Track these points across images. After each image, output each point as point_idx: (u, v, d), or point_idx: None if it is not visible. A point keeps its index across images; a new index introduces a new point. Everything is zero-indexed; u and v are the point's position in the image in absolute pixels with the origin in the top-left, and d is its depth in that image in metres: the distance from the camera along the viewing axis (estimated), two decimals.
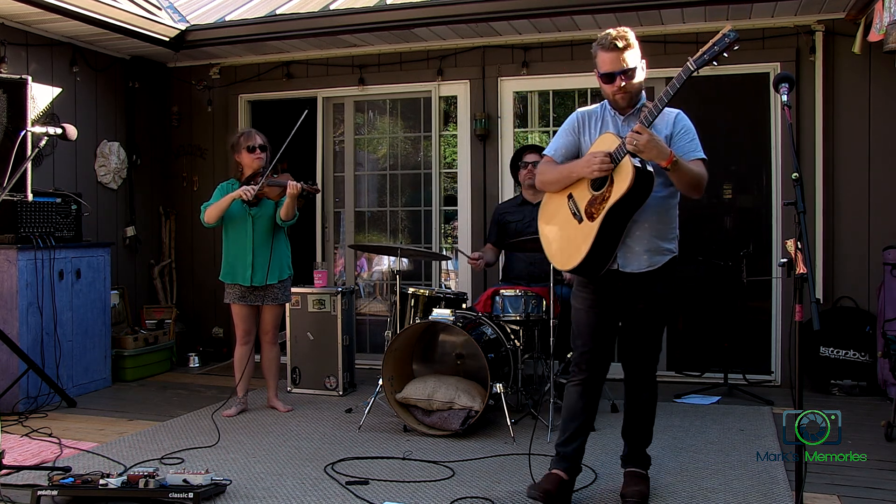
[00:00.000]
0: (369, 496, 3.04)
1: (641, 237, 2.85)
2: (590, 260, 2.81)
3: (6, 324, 4.48)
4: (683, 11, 4.87)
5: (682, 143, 2.84)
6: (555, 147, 3.03)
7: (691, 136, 2.87)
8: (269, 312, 4.43)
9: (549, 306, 4.12)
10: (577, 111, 3.05)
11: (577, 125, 3.00)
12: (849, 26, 4.81)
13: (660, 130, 2.82)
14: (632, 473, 3.07)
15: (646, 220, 2.83)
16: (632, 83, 2.82)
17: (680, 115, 2.91)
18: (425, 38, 5.58)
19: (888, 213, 4.84)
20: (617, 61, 2.78)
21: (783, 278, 4.91)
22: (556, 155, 3.01)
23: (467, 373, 4.20)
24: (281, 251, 4.39)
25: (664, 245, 2.90)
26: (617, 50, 2.77)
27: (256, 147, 4.33)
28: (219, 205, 4.24)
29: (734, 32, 2.53)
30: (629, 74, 2.80)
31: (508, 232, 4.81)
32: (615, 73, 2.79)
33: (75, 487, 2.91)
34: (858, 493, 3.06)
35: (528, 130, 5.94)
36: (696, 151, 2.85)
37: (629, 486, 3.02)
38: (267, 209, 4.32)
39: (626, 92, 2.82)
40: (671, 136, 2.86)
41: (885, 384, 4.53)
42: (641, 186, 2.71)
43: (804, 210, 2.48)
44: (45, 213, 4.85)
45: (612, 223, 2.77)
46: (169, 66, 6.35)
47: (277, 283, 4.37)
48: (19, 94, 4.25)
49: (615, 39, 2.77)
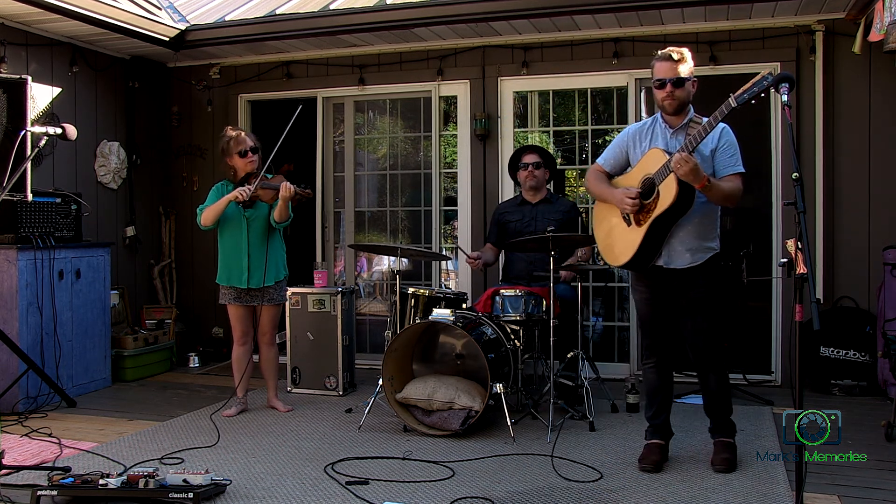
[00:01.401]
0: (369, 496, 3.04)
1: (684, 238, 3.25)
2: (637, 259, 3.27)
3: (6, 324, 4.48)
4: (683, 11, 4.87)
5: (723, 158, 3.24)
6: (605, 158, 3.51)
7: (733, 150, 3.25)
8: (266, 313, 4.41)
9: (549, 306, 4.12)
10: (629, 127, 3.51)
11: (627, 141, 3.44)
12: (849, 26, 4.81)
13: (706, 143, 3.20)
14: (719, 443, 3.44)
15: (688, 222, 3.23)
16: (680, 90, 3.20)
17: (725, 130, 3.27)
18: (425, 38, 5.58)
19: (888, 213, 4.84)
20: (670, 71, 3.19)
21: (783, 278, 4.91)
22: (606, 165, 3.50)
23: (467, 373, 4.20)
24: (276, 252, 4.38)
25: (706, 244, 3.29)
26: (672, 61, 3.19)
27: (248, 151, 4.29)
28: (215, 207, 4.22)
29: (770, 76, 2.81)
30: (677, 83, 3.20)
31: (508, 231, 4.82)
32: (666, 80, 3.20)
33: (75, 487, 2.91)
34: (858, 493, 3.06)
35: (528, 130, 5.94)
36: (734, 166, 3.24)
37: (718, 454, 3.39)
38: (261, 211, 4.30)
39: (673, 98, 3.21)
40: (715, 149, 3.25)
41: (886, 384, 4.53)
42: (683, 202, 3.12)
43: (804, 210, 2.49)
44: (45, 213, 4.85)
45: (656, 230, 3.21)
46: (169, 66, 6.35)
47: (274, 284, 4.36)
48: (19, 94, 4.25)
49: (672, 52, 3.22)
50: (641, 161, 3.31)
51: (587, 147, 5.69)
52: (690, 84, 3.24)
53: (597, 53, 5.38)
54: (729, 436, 3.46)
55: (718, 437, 3.47)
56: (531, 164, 4.73)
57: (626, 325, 5.53)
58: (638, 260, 3.27)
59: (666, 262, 3.29)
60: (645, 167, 3.27)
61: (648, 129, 3.39)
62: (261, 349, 4.50)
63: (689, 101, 3.27)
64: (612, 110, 5.63)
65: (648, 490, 3.12)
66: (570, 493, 3.08)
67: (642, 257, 3.27)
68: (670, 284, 3.33)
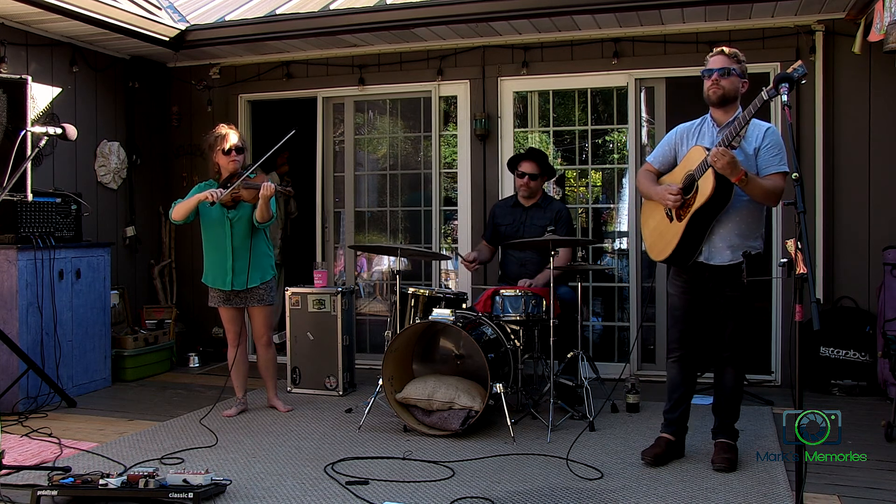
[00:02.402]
0: (369, 496, 3.04)
1: (725, 235, 3.29)
2: (678, 253, 3.33)
3: (6, 324, 4.48)
4: (683, 11, 4.87)
5: (766, 157, 3.26)
6: (654, 156, 3.58)
7: (776, 150, 3.26)
8: (256, 316, 4.36)
9: (549, 306, 4.12)
10: (677, 127, 3.54)
11: (675, 139, 3.50)
12: (849, 26, 4.81)
13: (750, 142, 3.27)
14: (720, 444, 3.45)
15: (730, 220, 3.27)
16: (727, 81, 3.27)
17: (770, 129, 3.31)
18: (425, 38, 5.58)
19: (888, 213, 4.84)
20: (719, 62, 3.29)
21: (783, 278, 4.91)
22: (655, 163, 3.56)
23: (467, 373, 4.20)
24: (261, 254, 4.30)
25: (747, 242, 3.30)
26: (723, 55, 3.31)
27: (232, 150, 4.21)
28: (185, 204, 4.14)
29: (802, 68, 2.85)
30: (723, 73, 3.27)
31: (499, 234, 4.86)
32: (713, 69, 3.29)
33: (75, 487, 2.91)
34: (858, 493, 3.06)
35: (528, 130, 5.94)
36: (775, 165, 3.24)
37: (719, 454, 3.40)
38: (245, 211, 4.22)
39: (719, 87, 3.27)
40: (759, 148, 3.27)
41: (885, 384, 4.53)
42: (721, 196, 3.16)
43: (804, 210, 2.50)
44: (45, 213, 4.85)
45: (696, 224, 3.25)
46: (169, 66, 6.35)
47: (260, 285, 4.30)
48: (19, 94, 4.25)
49: (724, 47, 3.36)
50: (685, 159, 3.36)
51: (587, 147, 5.69)
52: (739, 80, 3.30)
53: (597, 53, 5.38)
54: (731, 439, 3.48)
55: (721, 438, 3.48)
56: (527, 174, 4.73)
57: (626, 325, 5.53)
58: (679, 254, 3.34)
59: (707, 257, 3.33)
60: (687, 164, 3.32)
61: (697, 128, 3.44)
62: (258, 351, 4.48)
63: (737, 96, 3.32)
64: (612, 110, 5.63)
65: (648, 490, 3.12)
66: (570, 493, 3.08)
67: (683, 252, 3.33)
68: (709, 281, 3.37)
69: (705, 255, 3.33)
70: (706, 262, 3.33)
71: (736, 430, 3.50)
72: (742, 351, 3.43)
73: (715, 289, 3.37)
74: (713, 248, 3.31)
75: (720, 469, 3.33)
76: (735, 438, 3.49)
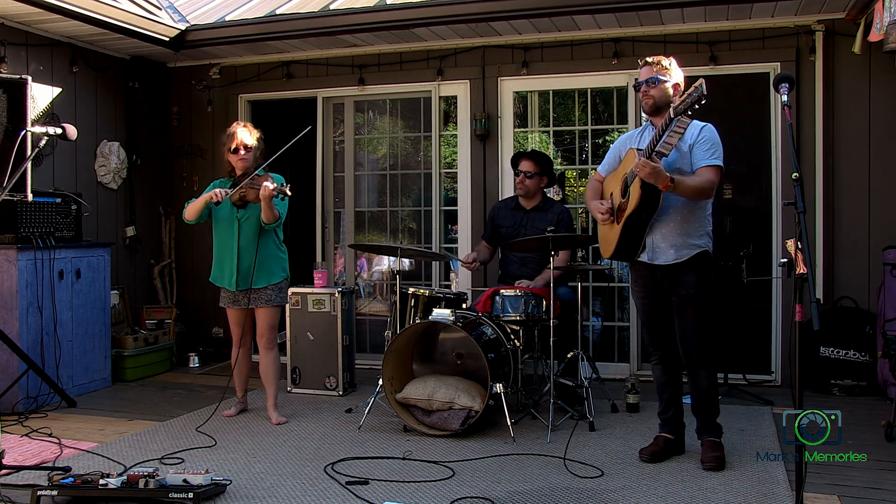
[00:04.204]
0: (369, 496, 3.04)
1: (667, 234, 3.38)
2: (619, 252, 3.47)
3: (6, 324, 4.48)
4: (683, 11, 4.87)
5: (699, 152, 3.35)
6: (602, 165, 3.74)
7: (709, 145, 3.34)
8: (261, 316, 4.25)
9: (549, 306, 4.12)
10: (623, 135, 3.74)
11: (620, 147, 3.65)
12: (849, 26, 4.81)
13: (685, 140, 3.35)
14: (707, 442, 3.48)
15: (670, 220, 3.36)
16: (654, 90, 3.39)
17: (706, 128, 3.40)
18: (425, 38, 5.58)
19: (888, 213, 4.84)
20: (644, 73, 3.43)
21: (783, 278, 4.91)
22: (603, 171, 3.72)
23: (467, 373, 4.20)
24: (269, 254, 4.20)
25: (690, 241, 3.37)
26: (648, 66, 3.44)
27: (238, 148, 4.15)
28: (195, 203, 4.12)
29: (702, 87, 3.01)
30: (650, 83, 3.40)
31: (499, 236, 4.86)
32: (641, 81, 3.43)
33: (75, 487, 2.91)
34: (858, 493, 3.06)
35: (528, 130, 5.94)
36: (706, 159, 3.33)
37: (706, 453, 3.43)
38: (254, 212, 4.13)
39: (648, 97, 3.41)
40: (693, 144, 3.37)
41: (885, 384, 4.53)
42: (648, 202, 3.29)
43: (804, 210, 2.50)
44: (45, 213, 4.85)
45: (631, 227, 3.38)
46: (169, 66, 6.35)
47: (267, 287, 4.20)
48: (19, 94, 4.25)
49: (648, 58, 3.46)
50: (623, 162, 3.52)
51: (587, 147, 5.69)
52: (668, 86, 3.39)
53: (597, 53, 5.38)
54: (716, 436, 3.50)
55: (706, 437, 3.50)
56: (524, 172, 4.74)
57: (626, 325, 5.53)
58: (620, 253, 3.48)
59: (650, 257, 3.42)
60: (625, 167, 3.46)
61: (639, 134, 3.59)
62: (260, 353, 4.32)
63: (668, 102, 3.36)
64: (611, 110, 5.63)
65: (648, 490, 3.12)
66: (570, 493, 3.08)
67: (624, 251, 3.46)
68: (662, 281, 3.45)
69: (649, 256, 3.42)
70: (653, 262, 3.41)
71: (719, 426, 3.52)
72: (710, 351, 3.44)
73: (670, 288, 3.43)
74: (657, 247, 3.40)
75: (710, 468, 3.34)
76: (719, 435, 3.51)
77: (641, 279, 3.53)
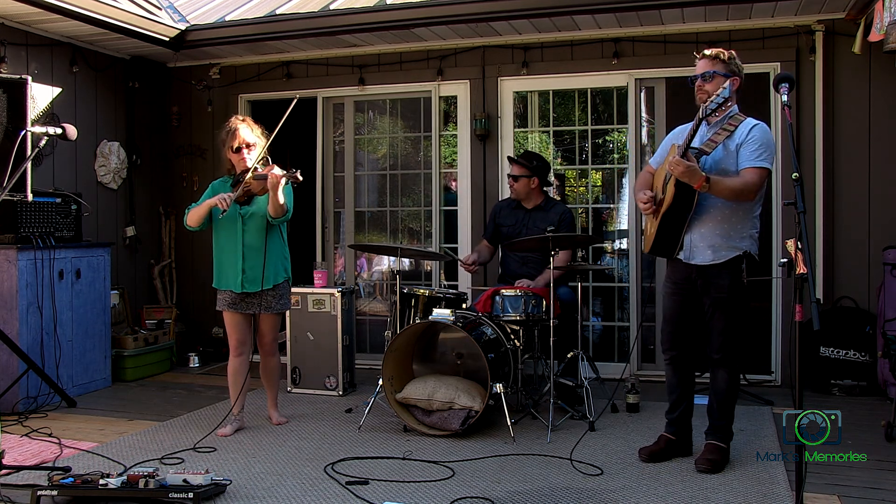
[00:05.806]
0: (369, 496, 3.04)
1: (705, 234, 3.33)
2: (656, 248, 3.45)
3: (6, 324, 4.48)
4: (683, 11, 4.87)
5: (745, 152, 3.26)
6: (654, 158, 3.67)
7: (756, 146, 3.24)
8: (266, 322, 4.07)
9: (549, 306, 4.12)
10: (675, 129, 3.59)
11: (671, 139, 3.53)
12: (849, 26, 4.81)
13: (734, 139, 3.29)
14: (708, 445, 3.43)
15: (710, 219, 3.31)
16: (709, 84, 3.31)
17: (756, 127, 3.29)
18: (425, 38, 5.58)
19: (888, 214, 4.84)
20: (701, 67, 3.36)
21: (783, 278, 4.91)
22: (653, 163, 3.64)
23: (467, 373, 4.20)
24: (276, 253, 3.99)
25: (731, 242, 3.31)
26: (705, 58, 3.35)
27: (241, 147, 3.95)
28: (198, 210, 3.91)
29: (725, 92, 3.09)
30: (706, 78, 3.33)
31: (500, 235, 4.86)
32: (696, 75, 3.36)
33: (75, 487, 2.91)
34: (858, 493, 3.06)
35: (528, 130, 5.94)
36: (751, 160, 3.23)
37: (703, 454, 3.40)
38: (259, 207, 3.92)
39: (703, 92, 3.32)
40: (741, 144, 3.28)
41: (885, 384, 4.53)
42: (682, 201, 3.26)
43: (804, 210, 2.50)
44: (45, 213, 4.85)
45: (667, 224, 3.36)
46: (169, 66, 6.35)
47: (272, 289, 3.98)
48: (19, 94, 4.25)
49: (706, 49, 3.39)
50: (667, 158, 3.42)
51: (587, 147, 5.69)
52: (724, 80, 3.27)
53: (597, 53, 5.38)
54: (722, 441, 3.43)
55: (711, 439, 3.45)
56: (511, 176, 4.78)
57: (626, 325, 5.53)
58: (658, 249, 3.45)
59: (687, 256, 3.38)
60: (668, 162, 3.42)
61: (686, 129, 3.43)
62: (261, 358, 4.18)
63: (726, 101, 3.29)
64: (612, 110, 5.63)
65: (649, 490, 3.12)
66: (570, 493, 3.08)
67: (661, 247, 3.43)
68: (697, 281, 3.39)
69: (686, 254, 3.38)
70: (689, 262, 3.38)
71: (729, 432, 3.46)
72: (734, 353, 3.39)
73: (703, 289, 3.38)
74: (694, 247, 3.36)
75: (702, 470, 3.32)
76: (727, 441, 3.44)
77: (675, 275, 3.48)
